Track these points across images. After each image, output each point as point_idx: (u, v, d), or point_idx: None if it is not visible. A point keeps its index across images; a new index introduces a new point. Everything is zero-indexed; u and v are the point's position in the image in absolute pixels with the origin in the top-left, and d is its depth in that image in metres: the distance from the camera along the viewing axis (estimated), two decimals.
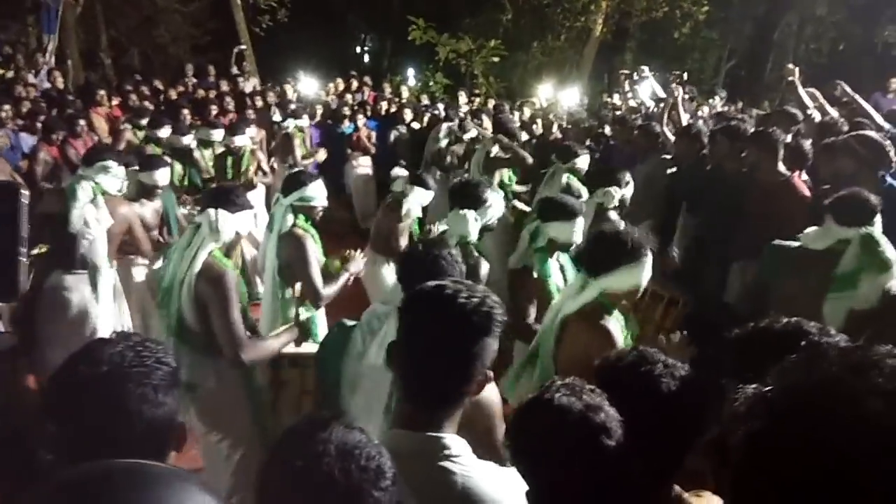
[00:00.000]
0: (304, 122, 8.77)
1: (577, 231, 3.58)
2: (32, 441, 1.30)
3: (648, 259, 2.74)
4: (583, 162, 5.77)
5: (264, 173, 7.51)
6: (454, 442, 1.52)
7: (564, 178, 5.70)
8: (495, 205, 3.87)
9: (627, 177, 4.63)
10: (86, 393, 1.34)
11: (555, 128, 8.16)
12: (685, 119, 6.40)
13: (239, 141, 7.11)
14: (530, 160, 6.46)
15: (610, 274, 2.69)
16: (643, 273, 2.72)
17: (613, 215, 4.52)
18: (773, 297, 3.37)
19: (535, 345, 2.86)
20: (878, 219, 3.20)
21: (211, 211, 3.20)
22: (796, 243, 3.44)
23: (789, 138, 4.97)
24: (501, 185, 6.40)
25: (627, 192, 4.63)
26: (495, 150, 6.55)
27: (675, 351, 2.41)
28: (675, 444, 1.55)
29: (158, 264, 4.15)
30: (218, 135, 7.40)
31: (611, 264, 2.70)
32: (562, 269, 3.71)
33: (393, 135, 9.43)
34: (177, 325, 3.13)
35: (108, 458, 1.32)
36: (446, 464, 1.48)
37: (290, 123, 8.47)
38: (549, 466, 1.45)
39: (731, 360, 1.52)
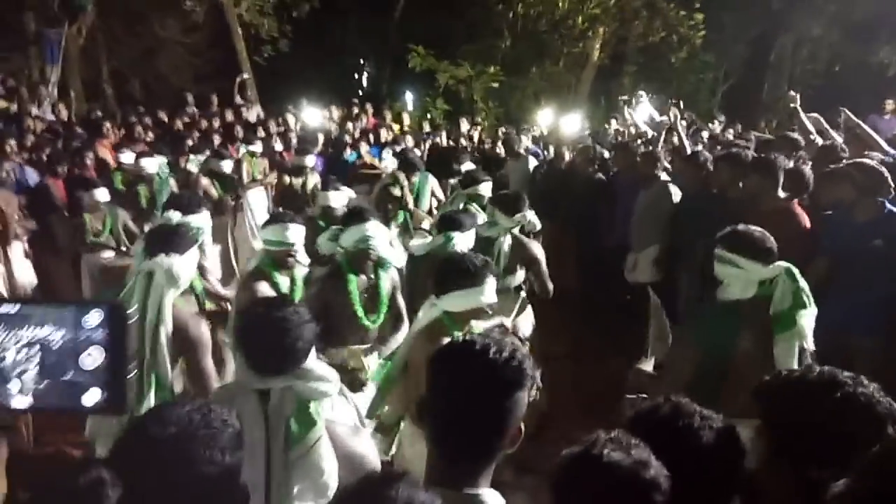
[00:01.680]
0: (257, 147, 8.97)
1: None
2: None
3: (489, 283, 3.04)
4: (485, 189, 5.96)
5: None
6: (491, 498, 1.52)
7: (462, 203, 5.89)
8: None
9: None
10: (154, 454, 1.36)
11: (567, 154, 8.21)
12: (688, 145, 6.45)
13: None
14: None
15: (449, 295, 2.98)
16: (482, 295, 3.01)
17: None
18: (731, 355, 3.07)
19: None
20: None
21: (163, 258, 3.03)
22: (726, 298, 3.17)
23: (791, 164, 5.01)
24: None
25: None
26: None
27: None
28: (712, 498, 1.55)
29: None
30: (227, 165, 7.72)
31: (451, 286, 3.01)
32: None
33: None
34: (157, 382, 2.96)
35: None
36: None
37: (242, 149, 8.76)
38: None
39: (762, 409, 1.51)
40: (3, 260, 6.19)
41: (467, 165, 7.96)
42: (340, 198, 5.69)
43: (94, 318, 1.01)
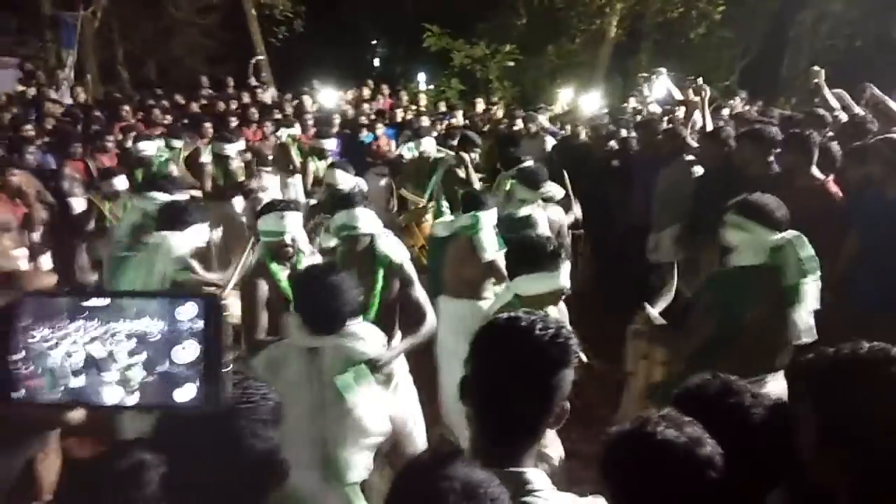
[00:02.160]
0: (297, 130, 8.70)
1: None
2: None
3: (563, 266, 2.92)
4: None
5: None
6: (536, 476, 1.51)
7: (508, 184, 5.75)
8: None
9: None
10: (195, 429, 1.36)
11: (582, 133, 8.14)
12: (709, 122, 6.38)
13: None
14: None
15: (521, 278, 2.91)
16: (556, 279, 2.89)
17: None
18: (745, 323, 3.15)
19: None
20: None
21: (162, 234, 3.28)
22: (738, 264, 3.23)
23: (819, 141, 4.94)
24: None
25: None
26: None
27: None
28: (764, 476, 1.53)
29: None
30: (232, 149, 7.48)
31: (523, 268, 2.91)
32: None
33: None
34: None
35: (214, 492, 1.36)
36: (530, 499, 1.47)
37: (283, 133, 8.48)
38: (652, 501, 1.43)
39: (810, 390, 1.48)
40: (28, 243, 6.24)
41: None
42: (348, 179, 5.53)
43: (188, 310, 1.00)
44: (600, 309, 6.36)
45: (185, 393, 0.99)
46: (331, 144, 7.85)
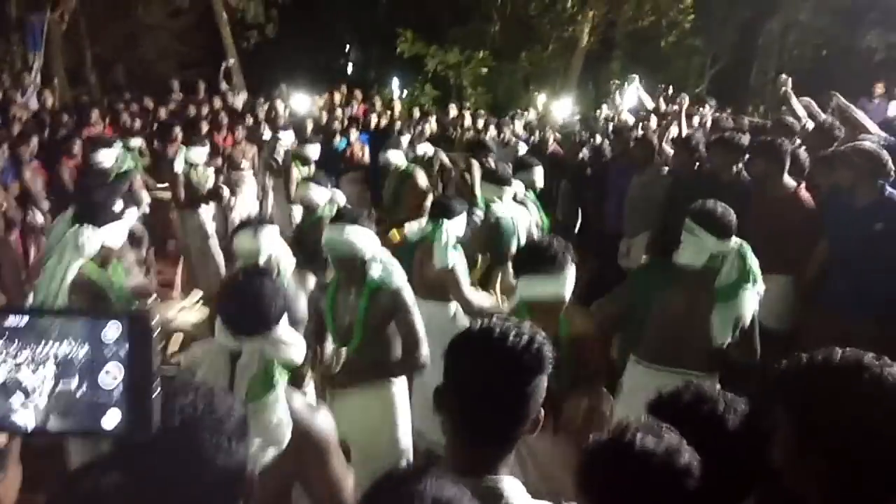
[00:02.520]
0: (313, 150, 7.78)
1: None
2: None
3: (567, 271, 2.84)
4: (538, 175, 5.84)
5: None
6: (511, 485, 1.51)
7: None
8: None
9: None
10: (160, 443, 1.33)
11: (551, 139, 8.18)
12: (685, 130, 6.45)
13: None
14: None
15: (523, 279, 2.87)
16: (559, 285, 2.82)
17: None
18: (652, 315, 3.41)
19: None
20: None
21: (75, 227, 3.31)
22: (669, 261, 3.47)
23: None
24: None
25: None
26: None
27: None
28: (739, 483, 1.53)
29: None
30: (199, 154, 7.18)
31: (527, 269, 2.85)
32: None
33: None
34: None
35: None
36: None
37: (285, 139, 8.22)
38: None
39: (784, 397, 1.49)
40: None
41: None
42: (322, 193, 5.28)
43: (112, 331, 0.95)
44: None
45: (112, 419, 0.94)
46: (314, 151, 7.62)
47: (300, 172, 7.27)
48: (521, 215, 5.16)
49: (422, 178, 6.83)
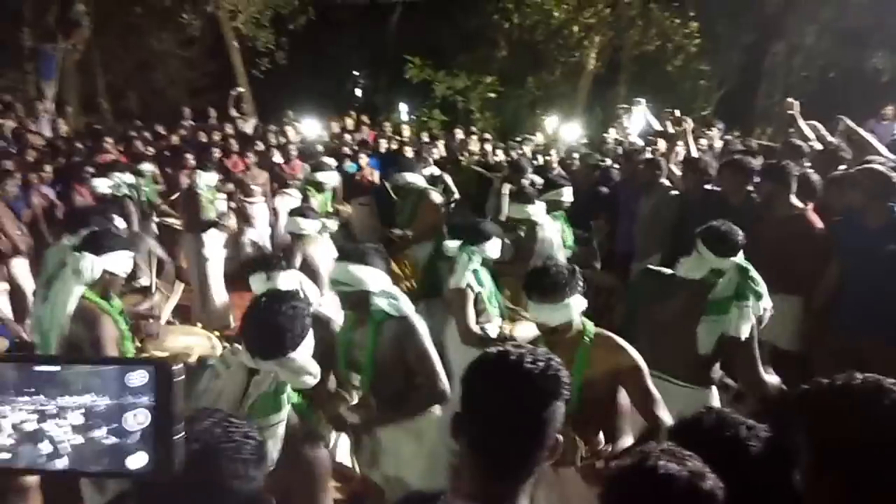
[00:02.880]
0: (330, 178, 7.70)
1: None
2: None
3: (574, 300, 2.83)
4: (567, 194, 5.96)
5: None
6: None
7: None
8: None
9: None
10: (178, 474, 1.34)
11: (555, 162, 8.21)
12: (694, 151, 6.49)
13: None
14: None
15: (531, 306, 2.90)
16: (562, 312, 2.80)
17: None
18: (643, 320, 3.59)
19: None
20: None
21: (76, 254, 3.33)
22: (668, 270, 3.65)
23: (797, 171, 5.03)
24: None
25: None
26: None
27: None
28: None
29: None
30: (210, 179, 7.35)
31: (534, 296, 2.85)
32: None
33: None
34: None
35: None
36: None
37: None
38: None
39: (805, 421, 1.49)
40: (7, 276, 6.16)
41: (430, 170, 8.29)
42: (310, 224, 5.20)
43: (138, 377, 1.01)
44: None
45: (137, 460, 0.99)
46: (328, 177, 7.54)
47: (316, 199, 7.32)
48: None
49: (437, 198, 6.88)
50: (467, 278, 4.11)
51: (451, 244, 4.29)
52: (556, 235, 5.51)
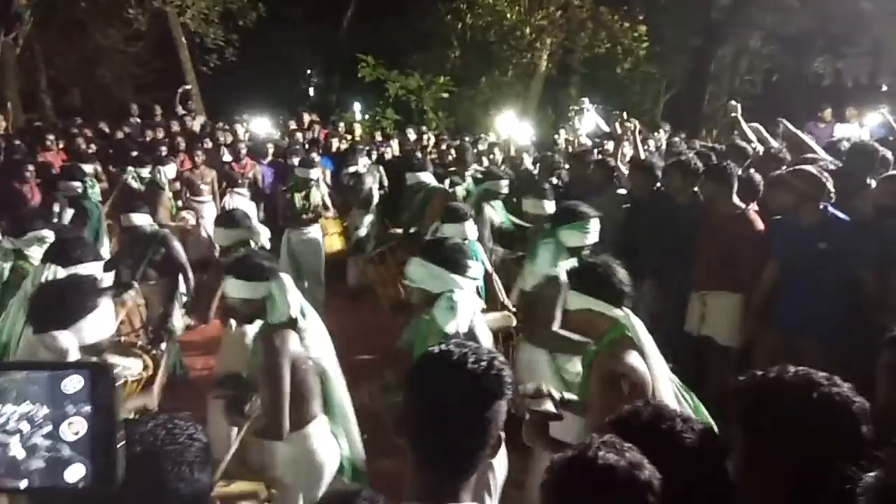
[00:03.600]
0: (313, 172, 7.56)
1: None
2: None
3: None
4: (504, 186, 6.34)
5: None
6: None
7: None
8: None
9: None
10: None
11: (527, 159, 8.26)
12: (641, 153, 6.60)
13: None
14: None
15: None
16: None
17: None
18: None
19: None
20: None
21: (42, 266, 3.22)
22: None
23: (740, 171, 5.16)
24: None
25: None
26: None
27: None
28: (697, 498, 1.56)
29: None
30: (170, 171, 7.54)
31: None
32: None
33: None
34: None
35: None
36: None
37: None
38: None
39: (738, 411, 1.53)
40: None
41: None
42: (232, 235, 4.60)
43: (74, 383, 0.95)
44: None
45: (75, 472, 0.93)
46: (315, 174, 7.40)
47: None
48: None
49: (446, 196, 6.80)
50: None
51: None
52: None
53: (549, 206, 5.29)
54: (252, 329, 3.30)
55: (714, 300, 4.80)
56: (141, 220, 5.55)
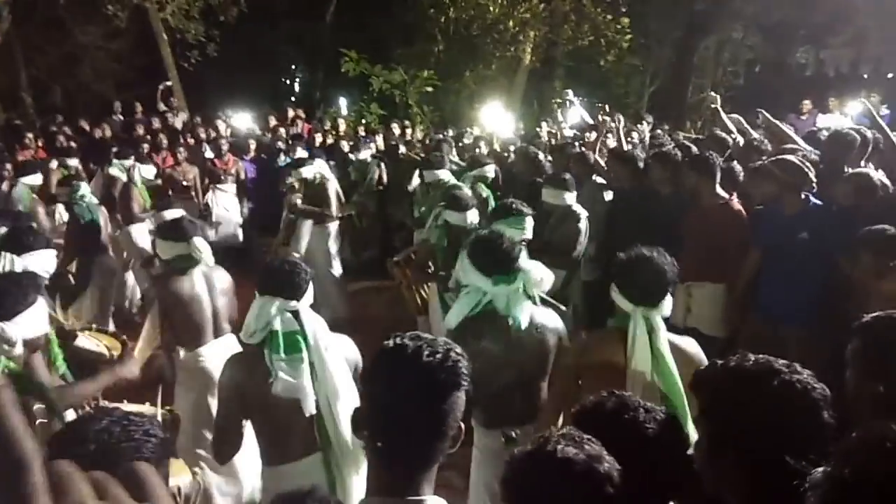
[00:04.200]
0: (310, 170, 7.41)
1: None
2: None
3: None
4: (490, 171, 6.85)
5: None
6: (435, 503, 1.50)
7: (469, 183, 6.48)
8: None
9: None
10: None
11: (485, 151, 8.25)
12: (625, 145, 6.62)
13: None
14: None
15: None
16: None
17: None
18: None
19: None
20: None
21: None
22: None
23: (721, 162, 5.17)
24: None
25: None
26: None
27: None
28: (660, 488, 1.57)
29: None
30: (148, 171, 7.65)
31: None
32: None
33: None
34: None
35: None
36: None
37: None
38: None
39: (700, 399, 1.54)
40: None
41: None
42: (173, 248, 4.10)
43: None
44: None
45: None
46: (313, 170, 7.35)
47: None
48: None
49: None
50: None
51: None
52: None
53: (570, 197, 5.34)
54: None
55: (699, 291, 4.81)
56: None
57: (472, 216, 4.92)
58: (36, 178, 6.84)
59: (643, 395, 2.24)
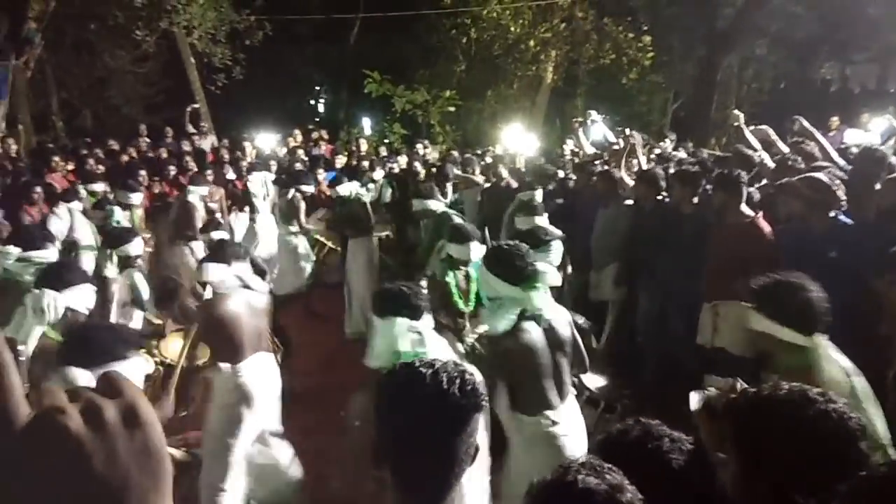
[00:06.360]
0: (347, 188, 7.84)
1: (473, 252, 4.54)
2: None
3: None
4: (538, 196, 6.61)
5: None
6: None
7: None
8: None
9: None
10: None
11: (505, 173, 8.20)
12: (644, 164, 6.58)
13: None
14: None
15: None
16: None
17: None
18: None
19: None
20: None
21: (35, 292, 3.11)
22: None
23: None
24: None
25: None
26: None
27: None
28: None
29: None
30: (136, 198, 7.57)
31: None
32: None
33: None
34: None
35: None
36: None
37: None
38: None
39: (733, 429, 1.50)
40: None
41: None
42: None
43: None
44: None
45: None
46: (349, 188, 7.72)
47: None
48: None
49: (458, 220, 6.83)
50: None
51: None
52: None
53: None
54: None
55: (726, 310, 4.75)
56: None
57: (475, 249, 4.65)
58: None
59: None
